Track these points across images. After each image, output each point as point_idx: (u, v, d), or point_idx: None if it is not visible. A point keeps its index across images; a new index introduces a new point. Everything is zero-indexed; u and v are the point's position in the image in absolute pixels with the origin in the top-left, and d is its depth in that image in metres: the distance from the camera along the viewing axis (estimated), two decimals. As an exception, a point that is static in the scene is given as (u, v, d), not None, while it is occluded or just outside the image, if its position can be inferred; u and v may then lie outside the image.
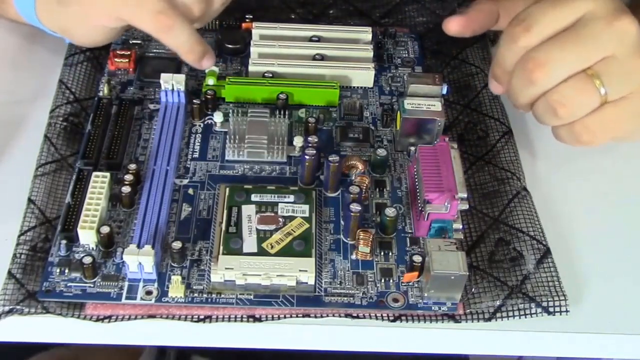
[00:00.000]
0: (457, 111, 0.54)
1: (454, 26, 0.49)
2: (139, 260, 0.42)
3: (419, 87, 0.50)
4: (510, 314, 0.43)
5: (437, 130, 0.49)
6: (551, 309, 0.43)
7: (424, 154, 0.47)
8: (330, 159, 0.47)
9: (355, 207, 0.44)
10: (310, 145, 0.48)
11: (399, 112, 0.50)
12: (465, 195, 0.44)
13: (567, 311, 0.43)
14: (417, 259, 0.43)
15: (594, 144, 0.46)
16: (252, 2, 0.61)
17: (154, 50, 0.56)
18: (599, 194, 0.50)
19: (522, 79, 0.45)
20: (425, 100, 0.50)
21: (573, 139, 0.46)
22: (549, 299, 0.43)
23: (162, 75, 0.52)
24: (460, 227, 0.45)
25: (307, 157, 0.47)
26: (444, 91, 0.50)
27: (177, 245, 0.43)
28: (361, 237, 0.44)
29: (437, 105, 0.49)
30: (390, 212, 0.45)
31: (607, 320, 0.44)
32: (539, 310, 0.43)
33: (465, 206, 0.44)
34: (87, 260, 0.43)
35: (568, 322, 0.43)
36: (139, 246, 0.43)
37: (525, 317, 0.43)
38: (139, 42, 0.57)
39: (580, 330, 0.44)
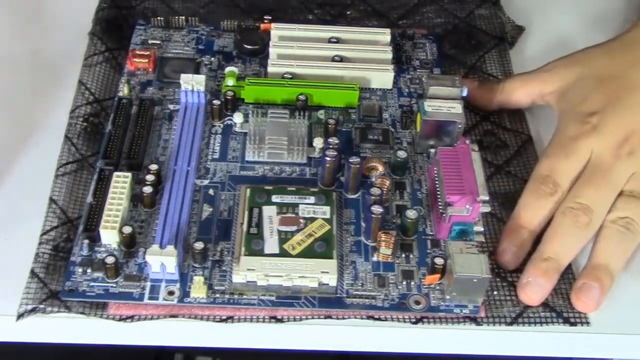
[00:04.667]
0: (475, 119, 0.54)
1: None
2: (161, 261, 0.42)
3: (438, 89, 0.50)
4: (532, 320, 0.43)
5: (457, 133, 0.49)
6: (572, 320, 0.43)
7: (444, 156, 0.47)
8: (351, 160, 0.47)
9: (376, 209, 0.44)
10: (330, 146, 0.48)
11: (418, 114, 0.50)
12: (487, 198, 0.44)
13: (587, 323, 0.43)
14: (439, 261, 0.43)
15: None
16: (270, 2, 0.61)
17: (173, 51, 0.56)
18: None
19: (569, 226, 0.45)
20: (445, 103, 0.50)
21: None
22: (569, 310, 0.43)
23: (182, 75, 0.52)
24: (482, 229, 0.45)
25: (328, 158, 0.47)
26: (464, 93, 0.50)
27: (199, 245, 0.44)
28: (382, 239, 0.45)
29: (457, 108, 0.49)
30: (411, 214, 0.45)
31: (608, 320, 0.44)
32: (560, 320, 0.43)
33: (487, 209, 0.44)
34: (110, 260, 0.43)
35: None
36: (161, 246, 0.43)
37: (547, 325, 0.43)
38: (157, 42, 0.57)
39: (584, 331, 0.44)
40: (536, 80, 0.53)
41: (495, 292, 0.44)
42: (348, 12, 0.61)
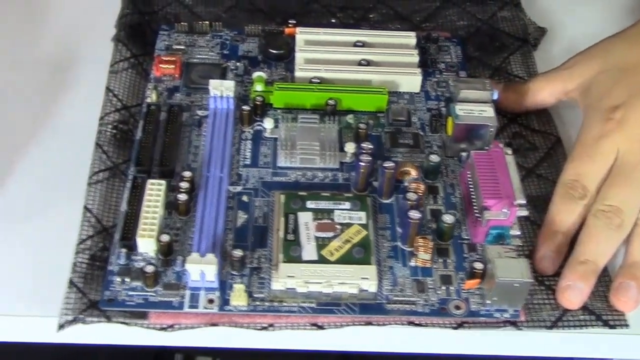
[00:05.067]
0: (503, 122, 0.54)
1: None
2: (201, 269, 0.42)
3: (469, 93, 0.50)
4: (572, 323, 0.43)
5: (490, 136, 0.49)
6: (611, 322, 0.43)
7: (479, 159, 0.47)
8: (385, 165, 0.47)
9: (414, 215, 0.44)
10: (364, 151, 0.48)
11: (449, 118, 0.50)
12: (524, 202, 0.44)
13: (627, 325, 0.43)
14: (479, 266, 0.43)
15: None
16: (293, 6, 0.61)
17: (198, 56, 0.56)
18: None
19: (602, 229, 0.45)
20: (477, 106, 0.50)
21: None
22: (607, 312, 0.44)
23: (211, 81, 0.52)
24: (518, 233, 0.45)
25: (362, 163, 0.47)
26: (495, 96, 0.50)
27: (238, 253, 0.43)
28: (420, 244, 0.44)
29: (489, 111, 0.49)
30: (447, 218, 0.45)
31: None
32: (599, 323, 0.43)
33: (524, 212, 0.44)
34: (149, 269, 0.42)
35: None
36: (200, 254, 0.43)
37: (587, 328, 0.43)
38: (182, 47, 0.57)
39: (623, 333, 0.44)
40: (558, 78, 0.53)
41: (534, 296, 0.44)
42: (371, 16, 0.61)
